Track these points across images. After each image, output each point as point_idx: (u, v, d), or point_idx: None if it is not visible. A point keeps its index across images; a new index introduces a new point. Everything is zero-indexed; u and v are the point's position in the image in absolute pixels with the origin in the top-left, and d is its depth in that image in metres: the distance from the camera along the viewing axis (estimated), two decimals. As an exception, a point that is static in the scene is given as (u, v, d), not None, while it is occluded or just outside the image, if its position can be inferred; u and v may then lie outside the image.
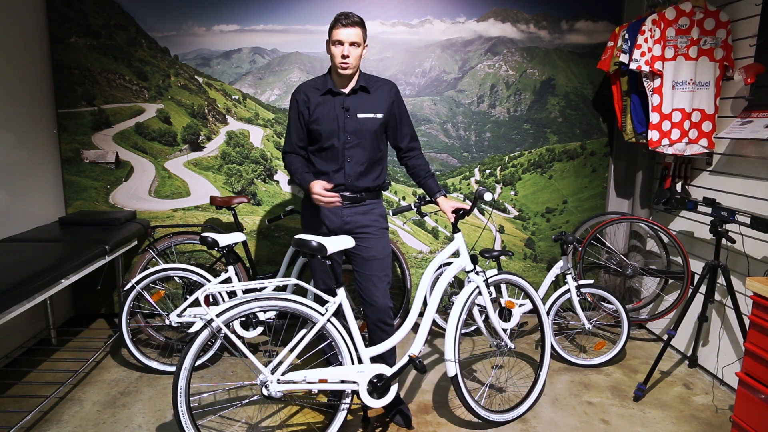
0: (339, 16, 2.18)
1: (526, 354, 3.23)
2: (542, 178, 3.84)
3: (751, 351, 2.00)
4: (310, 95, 2.28)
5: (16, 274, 2.24)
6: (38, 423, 2.40)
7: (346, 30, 2.15)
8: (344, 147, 2.27)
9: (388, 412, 2.46)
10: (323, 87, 2.28)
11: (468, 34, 3.68)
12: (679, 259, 3.17)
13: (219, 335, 1.99)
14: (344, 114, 2.25)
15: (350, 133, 2.26)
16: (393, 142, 2.44)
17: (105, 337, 3.28)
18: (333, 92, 2.26)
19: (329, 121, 2.25)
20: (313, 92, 2.28)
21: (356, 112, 2.27)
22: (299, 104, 2.29)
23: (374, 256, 2.33)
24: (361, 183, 2.31)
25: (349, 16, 2.17)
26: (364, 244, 2.32)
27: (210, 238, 2.81)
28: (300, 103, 2.29)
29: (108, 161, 3.52)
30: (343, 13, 2.18)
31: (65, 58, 3.39)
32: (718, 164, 2.94)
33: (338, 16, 2.18)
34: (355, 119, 2.26)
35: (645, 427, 2.47)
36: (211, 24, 3.49)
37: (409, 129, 2.43)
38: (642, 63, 2.94)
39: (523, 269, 3.87)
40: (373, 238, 2.33)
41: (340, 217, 2.31)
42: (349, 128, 2.26)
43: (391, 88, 2.35)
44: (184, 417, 1.95)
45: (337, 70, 2.23)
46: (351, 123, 2.26)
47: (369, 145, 2.30)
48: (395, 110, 2.36)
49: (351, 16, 2.17)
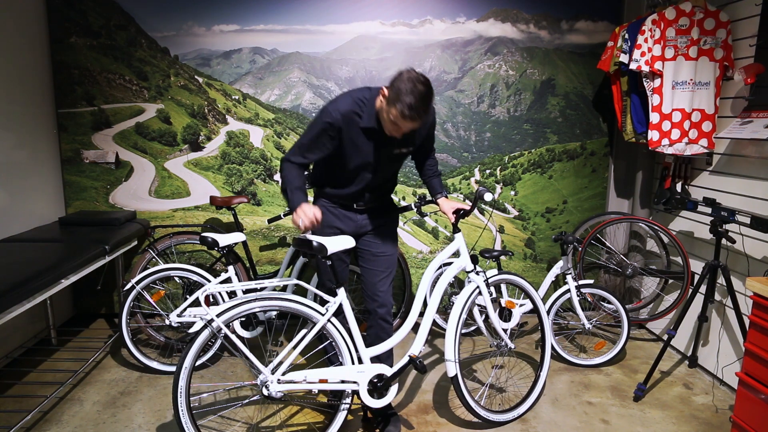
0: (406, 106, 1.90)
1: (526, 354, 3.23)
2: (542, 178, 3.84)
3: (751, 351, 2.00)
4: (349, 123, 2.09)
5: (16, 274, 2.24)
6: (38, 423, 2.40)
7: (409, 122, 1.99)
8: (373, 180, 2.24)
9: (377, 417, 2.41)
10: (368, 122, 2.09)
11: (468, 34, 3.68)
12: (679, 259, 3.17)
13: (219, 335, 1.99)
14: (381, 151, 2.18)
15: (383, 169, 2.24)
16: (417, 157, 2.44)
17: (105, 337, 3.28)
18: (375, 130, 2.12)
19: (364, 155, 2.16)
20: (353, 119, 2.09)
21: (393, 149, 2.20)
22: (333, 127, 2.08)
23: (384, 252, 2.35)
24: (378, 202, 2.35)
25: (412, 110, 1.91)
26: (376, 240, 2.34)
27: (210, 238, 2.81)
28: (335, 126, 2.08)
29: (108, 161, 3.52)
30: (412, 104, 1.90)
31: (65, 58, 3.39)
32: (718, 164, 2.94)
33: (402, 103, 1.90)
34: (390, 155, 2.21)
35: (645, 427, 2.47)
36: (211, 24, 3.48)
37: (432, 142, 2.41)
38: (642, 63, 2.94)
39: (523, 269, 3.87)
40: (384, 234, 2.36)
41: (355, 222, 2.31)
42: (383, 165, 2.22)
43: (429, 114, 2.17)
44: (184, 417, 1.95)
45: (384, 130, 2.09)
46: (385, 158, 2.21)
47: (395, 170, 2.33)
48: (426, 133, 2.31)
49: (418, 110, 1.92)
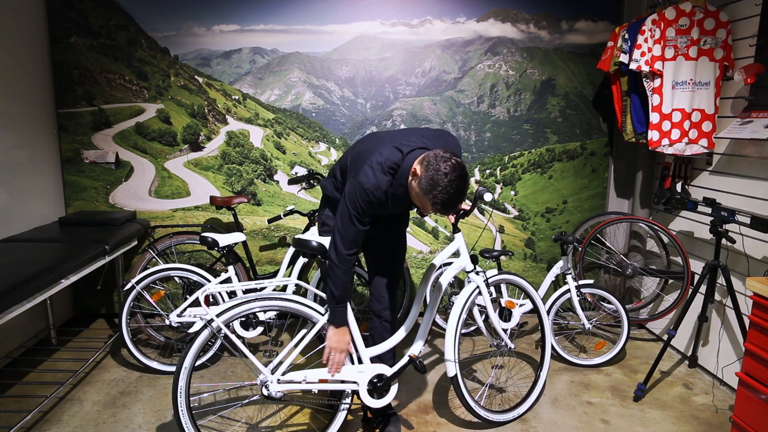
0: (440, 203, 1.85)
1: (526, 354, 3.23)
2: (542, 178, 3.84)
3: (751, 351, 2.00)
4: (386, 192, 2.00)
5: (16, 274, 2.23)
6: (38, 423, 2.40)
7: (443, 214, 2.01)
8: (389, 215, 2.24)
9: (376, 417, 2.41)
10: (398, 191, 2.01)
11: (468, 34, 3.68)
12: (679, 259, 3.17)
13: (219, 335, 1.99)
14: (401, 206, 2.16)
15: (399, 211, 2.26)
16: None
17: (105, 337, 3.28)
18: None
19: (386, 208, 2.08)
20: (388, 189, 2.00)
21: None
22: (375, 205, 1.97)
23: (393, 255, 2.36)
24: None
25: (451, 206, 1.88)
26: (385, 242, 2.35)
27: (210, 238, 2.81)
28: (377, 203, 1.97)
29: (108, 161, 3.52)
30: (446, 201, 1.85)
31: (65, 58, 3.39)
32: (718, 164, 2.94)
33: (438, 202, 1.84)
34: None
35: (645, 427, 2.47)
36: (211, 24, 3.48)
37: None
38: (642, 63, 2.94)
39: (523, 269, 3.87)
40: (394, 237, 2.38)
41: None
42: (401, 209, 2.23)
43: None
44: (184, 417, 1.96)
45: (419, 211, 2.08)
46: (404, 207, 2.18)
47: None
48: None
49: (453, 206, 1.88)
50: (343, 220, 1.95)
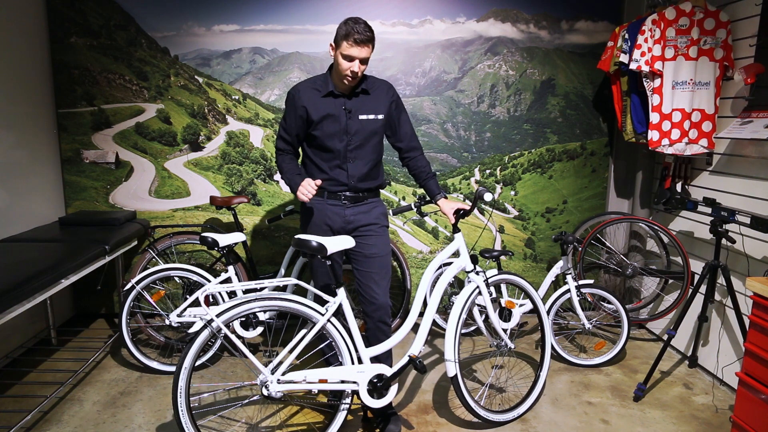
0: (352, 30, 2.08)
1: (526, 354, 3.23)
2: (542, 178, 3.84)
3: (751, 351, 2.00)
4: (310, 96, 2.24)
5: (16, 274, 2.24)
6: (38, 423, 2.40)
7: (359, 48, 2.10)
8: (347, 149, 2.27)
9: (376, 417, 2.41)
10: (324, 88, 2.24)
11: (468, 34, 3.68)
12: (679, 259, 3.17)
13: (219, 335, 1.99)
14: (346, 116, 2.25)
15: (352, 135, 2.26)
16: (393, 143, 2.44)
17: (105, 337, 3.28)
18: (334, 94, 2.25)
19: (331, 123, 2.25)
20: (313, 93, 2.25)
21: (358, 114, 2.26)
22: (298, 104, 2.25)
23: (376, 253, 2.33)
24: (363, 184, 2.32)
25: (363, 33, 2.08)
26: (366, 241, 2.33)
27: (210, 238, 2.81)
28: (299, 103, 2.24)
29: (108, 161, 3.52)
30: (357, 28, 2.08)
31: (65, 58, 3.39)
32: (718, 164, 2.94)
33: (351, 30, 2.08)
34: (357, 121, 2.26)
35: (645, 427, 2.47)
36: (211, 24, 3.48)
37: (408, 128, 2.43)
38: (642, 63, 2.94)
39: (523, 269, 3.87)
40: (375, 235, 2.34)
41: (342, 217, 2.31)
42: (352, 130, 2.26)
43: (389, 89, 2.35)
44: (184, 417, 1.95)
45: (342, 80, 2.20)
46: (353, 125, 2.26)
47: (371, 146, 2.31)
48: (394, 110, 2.36)
49: (365, 33, 2.09)
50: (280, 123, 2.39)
